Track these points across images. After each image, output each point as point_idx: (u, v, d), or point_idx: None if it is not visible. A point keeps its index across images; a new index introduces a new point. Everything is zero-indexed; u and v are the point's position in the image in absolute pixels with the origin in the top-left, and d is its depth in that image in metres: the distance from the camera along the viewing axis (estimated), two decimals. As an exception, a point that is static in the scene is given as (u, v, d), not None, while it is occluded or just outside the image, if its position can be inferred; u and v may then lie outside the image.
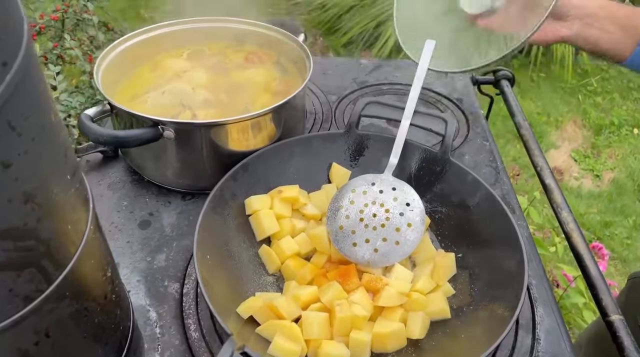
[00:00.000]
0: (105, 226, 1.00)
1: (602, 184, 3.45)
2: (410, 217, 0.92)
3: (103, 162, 1.14)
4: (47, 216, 0.52)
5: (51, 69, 1.83)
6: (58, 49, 2.08)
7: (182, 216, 1.03)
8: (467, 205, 0.97)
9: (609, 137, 3.78)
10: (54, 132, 0.51)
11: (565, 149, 3.75)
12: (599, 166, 3.55)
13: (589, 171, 3.56)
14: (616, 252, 2.96)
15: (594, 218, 3.17)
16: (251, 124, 0.99)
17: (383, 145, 1.04)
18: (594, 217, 3.18)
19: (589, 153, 3.70)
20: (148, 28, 1.18)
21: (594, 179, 3.50)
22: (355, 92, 1.39)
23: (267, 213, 0.96)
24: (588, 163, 3.60)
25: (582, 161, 3.63)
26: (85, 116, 0.94)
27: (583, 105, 4.09)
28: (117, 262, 0.94)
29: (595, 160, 3.62)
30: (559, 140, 3.79)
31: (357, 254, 0.90)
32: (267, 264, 0.94)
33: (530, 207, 2.22)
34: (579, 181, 3.47)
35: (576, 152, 3.70)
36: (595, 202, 3.29)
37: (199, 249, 0.83)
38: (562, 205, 1.07)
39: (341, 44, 4.31)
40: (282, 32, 1.20)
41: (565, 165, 3.61)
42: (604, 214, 3.19)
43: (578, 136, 3.87)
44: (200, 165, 1.02)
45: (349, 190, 0.96)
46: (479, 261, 0.92)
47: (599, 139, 3.77)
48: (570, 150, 3.74)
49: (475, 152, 1.20)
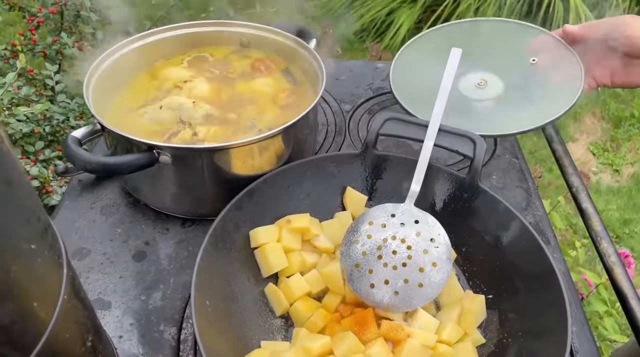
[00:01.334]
0: (97, 257, 0.91)
1: (621, 179, 3.33)
2: (436, 256, 0.82)
3: (96, 181, 1.04)
4: (4, 300, 0.42)
5: (49, 67, 1.73)
6: (57, 45, 1.97)
7: (181, 246, 0.94)
8: (499, 239, 0.87)
9: (629, 130, 3.64)
10: (14, 194, 0.42)
11: (583, 142, 3.62)
12: (619, 160, 3.42)
13: (607, 166, 3.43)
14: (636, 250, 2.85)
15: (612, 215, 3.05)
16: (258, 146, 0.88)
17: (404, 168, 0.94)
18: (613, 214, 3.06)
19: (608, 146, 3.56)
20: (146, 33, 1.08)
21: (613, 174, 3.38)
22: (371, 100, 1.28)
23: (274, 247, 0.86)
24: (607, 157, 3.47)
25: (600, 155, 3.50)
26: (72, 139, 0.84)
27: (602, 96, 3.94)
28: (108, 302, 0.85)
29: (615, 154, 3.48)
30: (577, 133, 3.66)
31: (375, 297, 0.80)
32: (274, 305, 0.84)
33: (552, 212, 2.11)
34: (598, 176, 3.34)
35: (594, 145, 3.56)
36: (614, 199, 3.17)
37: (197, 295, 0.73)
38: (602, 233, 0.96)
39: (352, 32, 4.18)
40: (292, 37, 1.09)
41: (583, 159, 3.49)
42: (623, 211, 3.08)
43: (597, 129, 3.74)
44: (200, 191, 0.92)
45: (366, 222, 0.86)
46: (512, 305, 0.82)
47: (619, 132, 3.63)
48: (588, 144, 3.61)
49: (504, 171, 1.09)
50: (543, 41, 1.15)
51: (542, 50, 1.13)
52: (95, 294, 0.86)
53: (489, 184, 1.06)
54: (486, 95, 1.11)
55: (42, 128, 1.61)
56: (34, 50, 1.99)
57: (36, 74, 1.88)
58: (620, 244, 2.89)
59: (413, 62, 1.19)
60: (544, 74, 1.13)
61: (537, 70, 1.14)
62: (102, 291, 0.87)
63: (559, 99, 1.07)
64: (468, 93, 1.12)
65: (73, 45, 1.94)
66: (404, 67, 1.17)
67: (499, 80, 1.14)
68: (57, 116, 1.64)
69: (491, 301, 0.84)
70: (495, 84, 1.13)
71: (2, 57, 1.93)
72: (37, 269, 0.47)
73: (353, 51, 4.10)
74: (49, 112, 1.64)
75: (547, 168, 3.22)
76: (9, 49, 1.94)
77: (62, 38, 1.85)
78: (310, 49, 1.05)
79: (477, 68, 1.16)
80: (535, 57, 1.14)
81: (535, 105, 1.08)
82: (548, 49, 1.13)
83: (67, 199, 1.01)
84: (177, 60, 1.12)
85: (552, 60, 1.13)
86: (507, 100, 1.10)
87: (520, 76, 1.13)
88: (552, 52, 1.13)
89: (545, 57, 1.13)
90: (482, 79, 1.14)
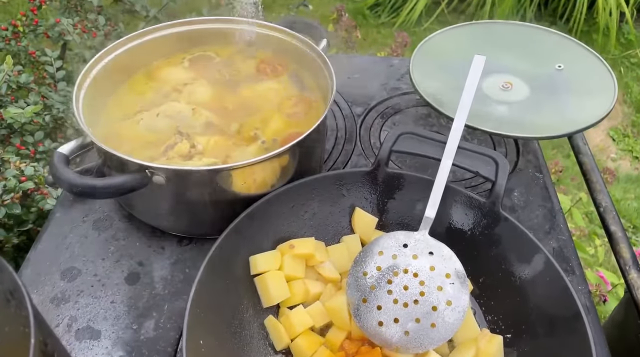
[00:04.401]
0: (87, 279, 0.86)
1: (641, 167, 3.23)
2: (451, 293, 0.75)
3: (90, 191, 0.98)
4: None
5: (49, 53, 1.66)
6: (60, 26, 1.89)
7: (177, 267, 0.87)
8: (520, 272, 0.80)
9: (652, 115, 3.52)
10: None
11: (603, 127, 3.49)
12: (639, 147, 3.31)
13: (627, 152, 3.32)
14: (653, 243, 2.76)
15: (630, 205, 2.96)
16: (261, 166, 0.81)
17: (418, 187, 0.87)
18: (631, 203, 2.97)
19: (629, 132, 3.44)
20: (143, 31, 1.00)
21: (633, 161, 3.27)
22: (384, 102, 1.19)
23: (275, 276, 0.79)
24: (627, 143, 3.36)
25: (620, 141, 3.38)
26: (59, 157, 0.77)
27: (625, 79, 3.80)
28: (98, 330, 0.79)
29: (635, 140, 3.37)
30: (597, 117, 3.54)
31: (384, 336, 0.74)
32: (274, 339, 0.78)
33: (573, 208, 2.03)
34: (617, 163, 3.24)
35: (615, 130, 3.44)
36: (632, 187, 3.07)
37: (190, 335, 0.67)
38: (630, 262, 0.89)
39: (367, 6, 4.05)
40: (300, 38, 1.00)
41: (602, 145, 3.38)
42: (642, 200, 2.99)
43: (617, 113, 3.61)
44: (197, 212, 0.85)
45: (376, 252, 0.79)
46: (532, 348, 0.75)
47: (641, 117, 3.51)
48: (608, 129, 3.48)
49: (526, 187, 1.01)
50: (569, 48, 1.09)
51: (569, 58, 1.08)
52: (85, 321, 0.81)
53: (510, 202, 0.98)
54: (511, 98, 1.06)
55: (41, 118, 1.54)
56: (36, 31, 1.91)
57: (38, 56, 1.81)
58: (637, 235, 2.81)
59: (433, 59, 1.13)
60: (573, 81, 1.06)
61: (565, 76, 1.07)
62: (91, 317, 0.81)
63: (588, 108, 1.00)
64: (492, 94, 1.07)
65: (76, 27, 1.86)
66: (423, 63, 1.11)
67: (524, 84, 1.08)
68: (58, 105, 1.57)
69: (509, 340, 0.78)
70: (520, 88, 1.08)
71: (3, 38, 1.85)
72: (-5, 352, 0.41)
73: (368, 26, 3.98)
74: (49, 101, 1.58)
75: (564, 154, 3.13)
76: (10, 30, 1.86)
77: (62, 24, 1.76)
78: (319, 52, 0.96)
79: (501, 69, 1.11)
80: (562, 64, 1.08)
81: (562, 112, 1.02)
82: (576, 56, 1.07)
83: (58, 211, 0.95)
84: (177, 59, 1.05)
85: (581, 69, 1.06)
86: (533, 105, 1.04)
87: (547, 81, 1.08)
88: (580, 61, 1.07)
89: (573, 65, 1.07)
90: (507, 81, 1.09)
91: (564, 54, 1.12)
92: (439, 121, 1.16)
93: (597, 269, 2.10)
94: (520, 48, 1.16)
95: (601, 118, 0.96)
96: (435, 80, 1.07)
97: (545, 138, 0.97)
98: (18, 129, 1.51)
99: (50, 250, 0.89)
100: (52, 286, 0.85)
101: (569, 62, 1.10)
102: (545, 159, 1.09)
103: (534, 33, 1.19)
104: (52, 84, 1.68)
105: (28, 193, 1.25)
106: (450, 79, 1.05)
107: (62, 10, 2.04)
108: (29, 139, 1.52)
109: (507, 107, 1.04)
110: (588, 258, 2.21)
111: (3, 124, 1.45)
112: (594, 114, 0.98)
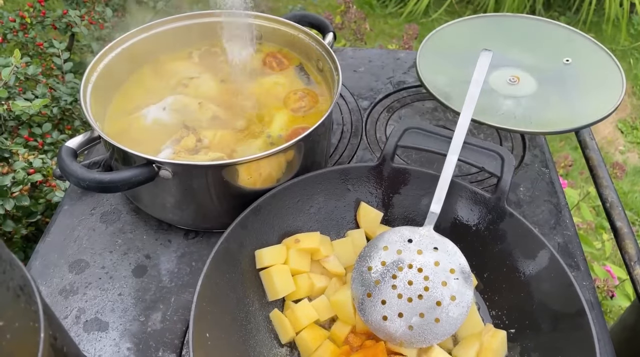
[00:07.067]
0: (95, 271, 0.86)
1: (649, 160, 3.21)
2: (455, 288, 0.75)
3: (97, 184, 0.98)
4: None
5: (56, 45, 1.66)
6: (67, 17, 1.89)
7: (184, 260, 0.88)
8: (525, 268, 0.80)
9: (661, 107, 3.49)
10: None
11: (612, 118, 3.46)
12: (648, 140, 3.29)
13: (636, 145, 3.30)
14: (661, 237, 2.75)
15: (638, 198, 2.95)
16: (267, 160, 0.81)
17: (424, 182, 0.87)
18: (639, 196, 2.96)
19: (637, 124, 3.42)
20: (151, 24, 1.00)
21: (641, 154, 3.25)
22: (391, 95, 1.19)
23: (280, 270, 0.80)
24: (636, 135, 3.33)
25: (629, 133, 3.36)
26: (67, 151, 0.78)
27: (634, 71, 3.77)
28: (106, 322, 0.80)
29: (644, 133, 3.35)
30: (605, 108, 3.51)
31: (388, 330, 0.74)
32: (279, 333, 0.79)
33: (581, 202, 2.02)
34: (625, 156, 3.22)
35: (623, 122, 3.42)
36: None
37: (196, 327, 0.68)
38: (636, 257, 0.89)
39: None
40: (306, 31, 1.00)
41: (610, 137, 3.36)
42: (650, 193, 2.97)
43: (626, 105, 3.58)
44: (204, 205, 0.86)
45: (380, 247, 0.79)
46: (535, 344, 0.75)
47: (649, 109, 3.49)
48: (617, 121, 3.46)
49: (532, 182, 1.01)
50: (577, 42, 1.08)
51: (577, 52, 1.07)
52: (93, 312, 0.82)
53: (515, 197, 0.98)
54: (518, 93, 1.05)
55: (49, 109, 1.55)
56: (43, 22, 1.91)
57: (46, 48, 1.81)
58: (643, 228, 2.80)
59: (440, 53, 1.12)
60: (581, 76, 1.05)
61: (572, 71, 1.07)
62: (99, 309, 0.82)
63: (596, 103, 1.00)
64: (498, 88, 1.06)
65: (83, 19, 1.86)
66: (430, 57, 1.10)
67: (531, 78, 1.07)
68: (65, 97, 1.58)
69: (513, 335, 0.78)
70: (528, 82, 1.07)
71: (11, 29, 1.86)
72: (5, 347, 0.41)
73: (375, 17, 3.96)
74: (56, 93, 1.58)
75: (572, 146, 3.11)
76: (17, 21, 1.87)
77: (70, 16, 1.76)
78: (325, 46, 0.96)
79: (508, 63, 1.10)
80: (569, 58, 1.07)
81: (570, 107, 1.02)
82: (584, 50, 1.07)
83: (66, 203, 0.96)
84: (184, 53, 1.05)
85: (589, 63, 1.05)
86: (540, 99, 1.04)
87: (555, 76, 1.07)
88: (588, 55, 1.06)
89: (581, 59, 1.06)
90: (514, 75, 1.08)
91: (572, 48, 1.11)
92: (445, 115, 1.16)
93: (605, 263, 2.10)
94: (528, 42, 1.15)
95: (609, 113, 0.96)
96: (442, 74, 1.07)
97: (552, 133, 0.97)
98: (26, 120, 1.52)
99: (58, 242, 0.90)
100: (61, 278, 0.86)
101: (577, 57, 1.09)
102: (552, 153, 1.09)
103: (542, 26, 1.18)
104: (59, 76, 1.69)
105: (36, 185, 1.26)
106: (457, 73, 1.04)
107: (69, 2, 2.04)
108: (37, 130, 1.53)
109: (514, 101, 1.03)
110: (595, 252, 2.21)
111: (11, 116, 1.46)
112: (602, 108, 0.97)
